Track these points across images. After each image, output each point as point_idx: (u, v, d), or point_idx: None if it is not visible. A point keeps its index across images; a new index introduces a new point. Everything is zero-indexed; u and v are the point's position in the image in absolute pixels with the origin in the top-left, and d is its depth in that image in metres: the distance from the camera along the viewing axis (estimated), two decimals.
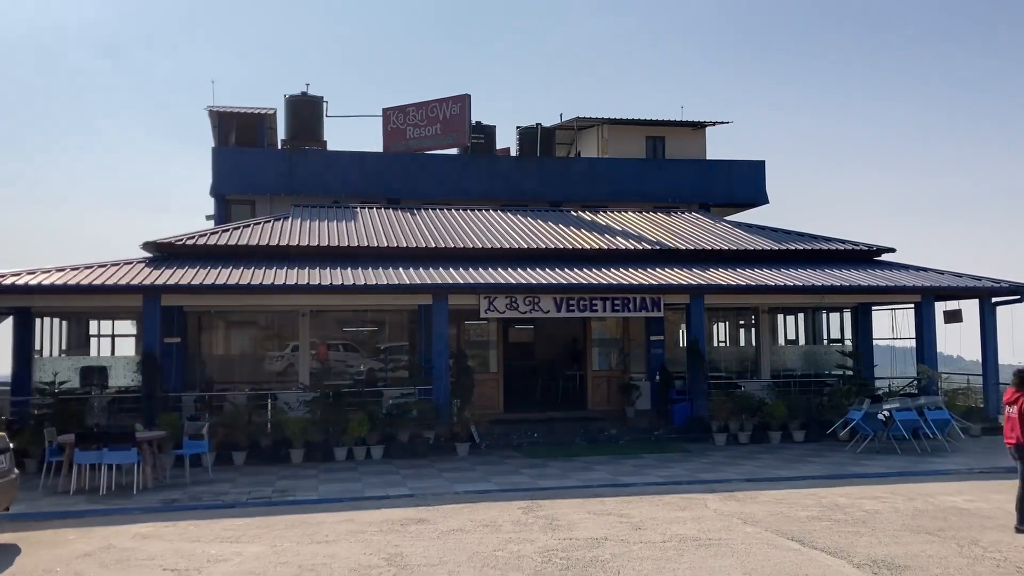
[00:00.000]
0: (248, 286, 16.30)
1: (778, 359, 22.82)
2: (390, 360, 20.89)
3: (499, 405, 20.39)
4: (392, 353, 21.38)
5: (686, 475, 13.96)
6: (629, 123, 29.54)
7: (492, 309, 17.71)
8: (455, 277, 17.70)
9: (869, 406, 16.62)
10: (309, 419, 16.10)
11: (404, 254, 19.39)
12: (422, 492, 12.68)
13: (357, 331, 22.37)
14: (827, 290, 18.88)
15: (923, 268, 21.18)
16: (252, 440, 15.97)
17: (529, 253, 19.78)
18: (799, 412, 18.18)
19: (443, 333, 17.53)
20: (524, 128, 30.13)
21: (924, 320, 19.72)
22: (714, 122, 30.15)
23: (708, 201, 28.23)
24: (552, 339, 25.36)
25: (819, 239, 22.60)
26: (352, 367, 20.88)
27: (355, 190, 26.38)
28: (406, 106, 29.46)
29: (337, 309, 20.31)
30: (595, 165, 28.23)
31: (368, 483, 13.53)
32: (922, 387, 19.06)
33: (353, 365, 21.02)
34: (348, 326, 22.24)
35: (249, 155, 26.71)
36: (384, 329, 21.56)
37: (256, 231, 19.95)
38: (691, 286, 18.32)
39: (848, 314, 23.17)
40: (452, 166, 27.77)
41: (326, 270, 17.63)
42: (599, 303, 18.23)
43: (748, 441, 17.79)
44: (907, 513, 10.68)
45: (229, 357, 21.68)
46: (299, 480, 13.91)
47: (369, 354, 21.29)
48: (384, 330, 21.55)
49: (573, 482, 13.39)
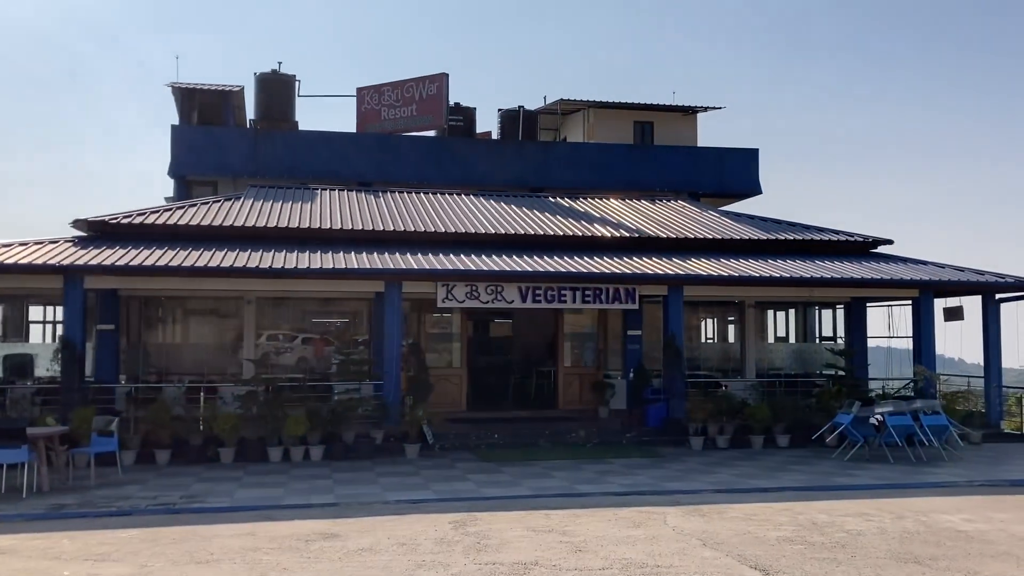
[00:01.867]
0: (177, 268, 14.85)
1: (765, 357, 21.39)
2: (351, 353, 19.42)
3: (462, 403, 18.96)
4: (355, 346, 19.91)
5: (651, 484, 12.49)
6: (616, 107, 28.02)
7: (450, 298, 16.23)
8: (410, 262, 16.23)
9: (860, 409, 15.16)
10: (241, 415, 14.63)
11: (361, 237, 17.92)
12: (348, 501, 11.22)
13: (323, 322, 20.99)
14: (816, 283, 17.39)
15: (922, 261, 19.68)
16: (180, 437, 14.53)
17: (496, 239, 18.30)
18: (784, 415, 16.70)
19: (395, 323, 16.05)
20: (506, 111, 28.64)
21: (922, 317, 18.22)
22: (706, 107, 28.64)
23: (698, 190, 26.70)
24: (532, 333, 23.92)
25: (811, 229, 21.09)
26: (308, 360, 19.45)
27: (324, 173, 24.89)
28: (381, 86, 27.99)
29: (287, 296, 18.88)
30: (579, 150, 26.74)
31: (293, 489, 12.07)
32: (919, 389, 17.58)
33: (309, 358, 19.59)
34: (316, 316, 20.86)
35: (211, 134, 25.19)
36: (352, 319, 20.10)
37: (203, 211, 18.48)
38: (668, 276, 16.84)
39: (841, 310, 21.70)
40: (427, 149, 26.25)
41: (269, 253, 16.16)
42: (568, 293, 16.75)
43: (727, 446, 16.32)
44: (895, 536, 9.21)
45: (178, 347, 20.24)
46: (218, 483, 12.45)
47: (341, 345, 19.86)
48: (352, 320, 20.09)
49: (523, 491, 11.92)
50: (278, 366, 18.57)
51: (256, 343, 19.53)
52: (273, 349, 20.03)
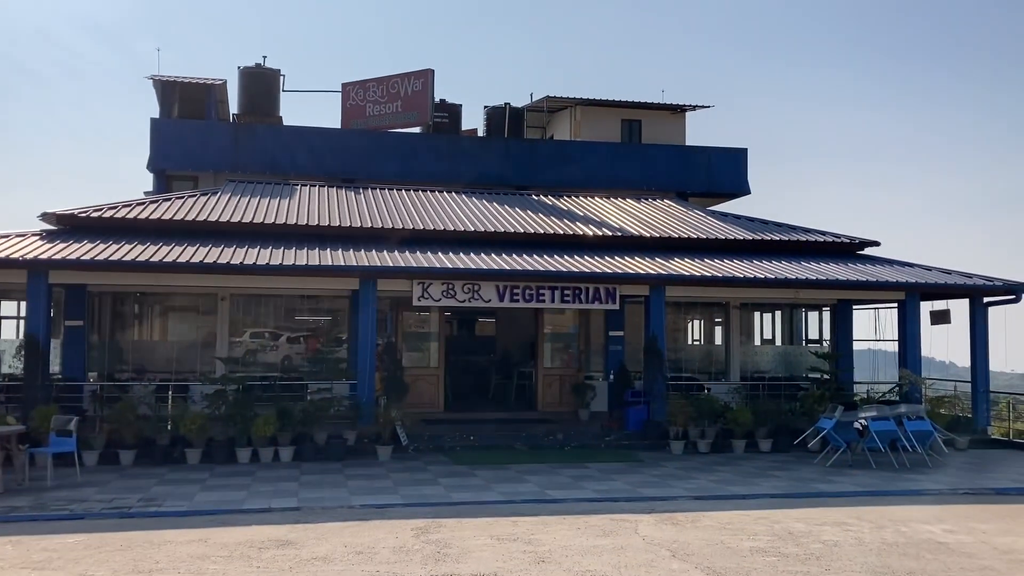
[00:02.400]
0: (142, 263, 14.44)
1: (750, 360, 21.07)
2: (325, 351, 19.02)
3: (439, 404, 18.61)
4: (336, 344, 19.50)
5: (626, 490, 12.14)
6: (604, 104, 27.66)
7: (426, 296, 15.86)
8: (386, 259, 15.85)
9: (843, 414, 14.83)
10: (208, 415, 14.24)
11: (338, 234, 17.53)
12: (312, 505, 10.84)
13: (307, 320, 20.62)
14: (802, 284, 17.06)
15: (909, 263, 19.38)
16: (146, 437, 14.14)
17: (476, 237, 17.92)
18: (767, 419, 16.37)
19: (370, 322, 15.67)
20: (492, 108, 28.33)
21: (908, 320, 17.91)
22: (695, 106, 28.31)
23: (686, 190, 26.35)
24: (512, 333, 23.58)
25: (797, 230, 20.77)
26: (292, 359, 19.03)
27: (307, 168, 24.47)
28: (366, 81, 27.64)
29: (266, 294, 18.49)
30: (565, 148, 26.37)
31: (256, 492, 11.69)
32: (904, 394, 17.29)
33: (293, 356, 19.17)
34: (299, 314, 20.49)
35: (191, 127, 24.73)
36: (335, 317, 19.70)
37: (176, 205, 18.06)
38: (649, 276, 16.50)
39: (827, 313, 21.40)
40: (411, 145, 25.83)
41: (243, 249, 15.77)
42: (547, 293, 16.40)
43: (708, 450, 15.98)
44: (872, 547, 8.88)
45: (151, 345, 19.84)
46: (180, 486, 12.06)
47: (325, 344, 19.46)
48: (335, 318, 19.69)
49: (493, 496, 11.56)
50: (259, 364, 18.21)
51: (240, 340, 19.18)
52: (258, 347, 19.70)
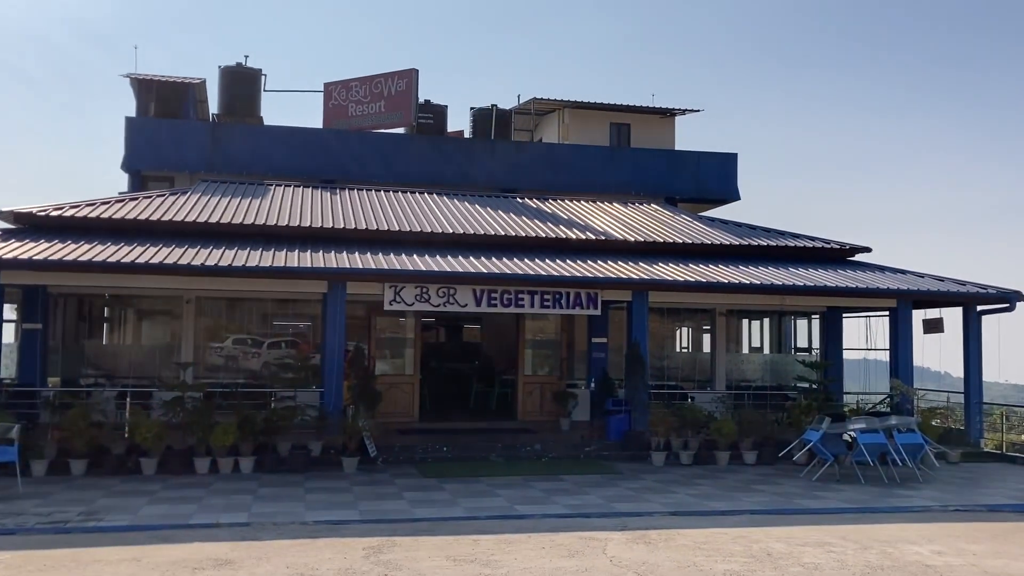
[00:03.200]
0: (96, 264, 13.77)
1: (737, 368, 20.45)
2: (285, 358, 18.36)
3: (414, 413, 17.93)
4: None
5: (600, 505, 11.51)
6: (592, 107, 27.07)
7: (398, 301, 15.22)
8: (356, 261, 15.22)
9: (831, 426, 14.21)
10: (164, 423, 13.57)
11: (310, 235, 16.89)
12: (262, 520, 10.19)
13: (287, 325, 20.01)
14: (789, 290, 16.46)
15: (901, 270, 18.79)
16: (100, 446, 13.47)
17: (454, 239, 17.30)
18: (752, 429, 15.75)
19: (338, 326, 15.03)
20: (478, 109, 27.72)
21: (899, 328, 17.31)
22: (684, 110, 27.74)
23: (675, 195, 25.76)
24: (492, 339, 22.96)
25: (786, 235, 20.17)
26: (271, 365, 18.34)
27: (287, 169, 23.80)
28: (349, 81, 27.02)
29: (231, 297, 17.87)
30: (552, 151, 25.77)
31: (207, 505, 11.03)
32: (894, 405, 16.67)
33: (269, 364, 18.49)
34: (277, 319, 19.88)
35: (168, 127, 24.04)
36: (314, 322, 19.06)
37: (143, 205, 17.42)
38: (632, 280, 15.89)
39: (817, 320, 20.80)
40: (394, 146, 25.19)
41: (207, 250, 15.12)
42: (526, 297, 15.76)
43: (691, 462, 15.35)
44: (856, 570, 8.25)
45: (115, 349, 19.20)
46: (128, 498, 11.40)
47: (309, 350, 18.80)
48: (315, 323, 19.05)
49: (458, 511, 10.92)
50: (241, 371, 17.53)
51: (221, 347, 18.52)
52: (239, 353, 19.07)
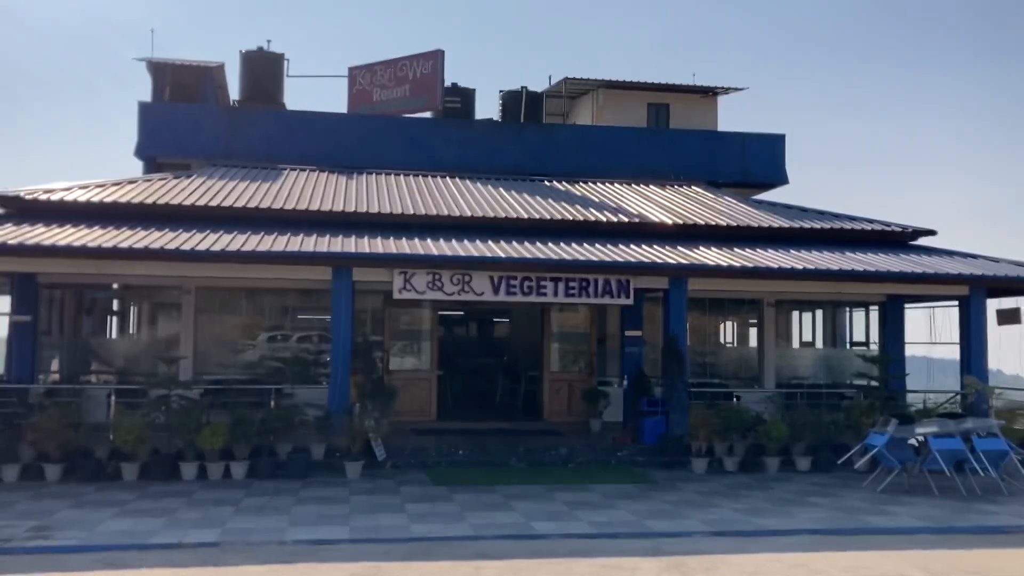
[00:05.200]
0: (80, 249, 12.57)
1: (787, 364, 18.67)
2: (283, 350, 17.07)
3: (431, 412, 16.50)
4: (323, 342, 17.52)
5: (630, 522, 9.94)
6: (628, 87, 25.36)
7: (408, 288, 13.79)
8: (363, 246, 13.82)
9: (897, 429, 12.47)
10: (147, 424, 12.27)
11: (317, 219, 15.51)
12: (234, 539, 8.80)
13: (311, 319, 18.74)
14: (846, 276, 14.69)
15: (971, 254, 16.88)
16: (81, 449, 12.25)
17: (471, 222, 15.83)
18: (806, 432, 14.03)
19: (344, 317, 13.66)
20: (507, 92, 26.18)
21: (972, 319, 15.45)
22: (727, 88, 25.92)
23: (717, 179, 23.90)
24: (517, 332, 21.49)
25: (841, 217, 18.34)
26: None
27: (308, 156, 22.43)
28: (374, 65, 25.58)
29: (237, 287, 16.57)
30: (585, 134, 24.10)
31: (178, 519, 9.68)
32: (968, 405, 14.84)
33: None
34: (301, 312, 18.62)
35: (183, 111, 22.81)
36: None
37: (141, 188, 16.20)
38: (668, 266, 14.27)
39: (875, 311, 18.92)
40: (419, 131, 23.70)
41: (202, 234, 13.82)
42: (549, 285, 14.22)
43: (736, 469, 13.69)
44: None
45: (124, 343, 18.05)
46: (96, 509, 10.11)
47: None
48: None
49: (463, 529, 9.43)
50: (258, 368, 16.30)
51: (253, 343, 17.27)
52: (275, 349, 17.85)
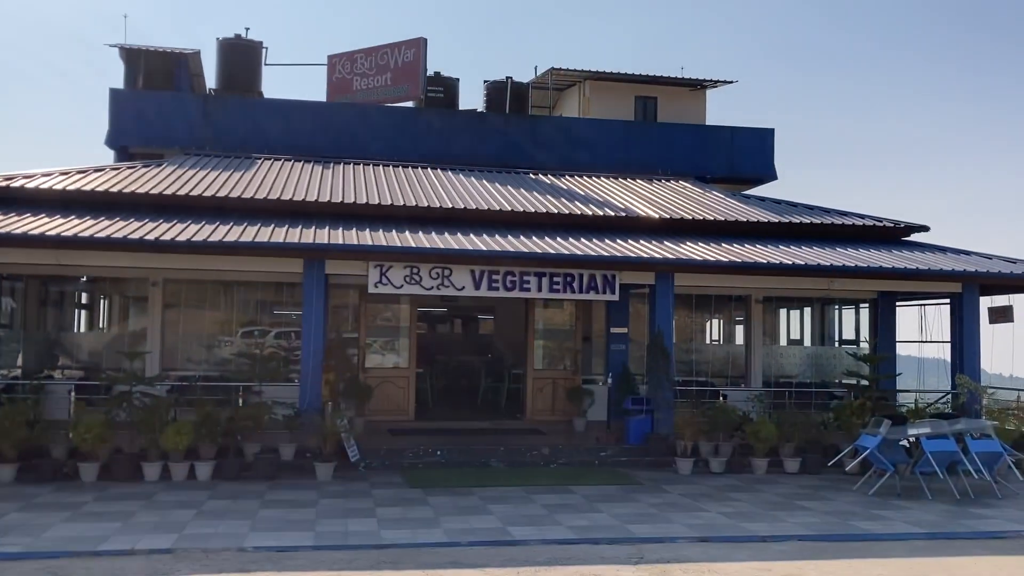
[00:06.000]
0: (37, 238, 11.99)
1: (775, 362, 18.23)
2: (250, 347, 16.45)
3: (409, 411, 15.97)
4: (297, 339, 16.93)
5: (612, 527, 9.45)
6: (615, 78, 24.86)
7: (384, 282, 13.25)
8: (337, 237, 13.27)
9: (889, 430, 12.04)
10: (107, 422, 11.68)
11: (290, 210, 14.94)
12: (191, 546, 8.25)
13: (288, 314, 18.14)
14: (836, 272, 14.28)
15: (964, 251, 16.50)
16: (38, 449, 11.67)
17: (452, 215, 15.32)
18: (795, 432, 13.59)
19: (316, 312, 13.12)
20: (492, 82, 25.64)
21: (964, 316, 15.07)
22: (716, 81, 25.45)
23: (706, 174, 23.45)
24: (514, 330, 20.94)
25: (831, 213, 17.94)
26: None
27: (286, 146, 21.79)
28: (354, 52, 25.04)
29: (208, 280, 15.96)
30: (571, 126, 23.60)
31: (134, 524, 9.12)
32: (960, 405, 14.45)
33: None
34: (277, 307, 18.00)
35: (156, 99, 22.15)
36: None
37: (107, 176, 15.59)
38: (654, 260, 13.78)
39: (866, 309, 18.53)
40: (400, 121, 23.10)
41: (169, 224, 13.23)
42: (533, 280, 13.72)
43: (723, 470, 13.24)
44: None
45: (90, 338, 17.41)
46: (45, 513, 9.53)
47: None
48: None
49: (436, 535, 8.90)
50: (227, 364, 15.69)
51: (230, 340, 16.64)
52: (245, 346, 17.23)
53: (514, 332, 19.50)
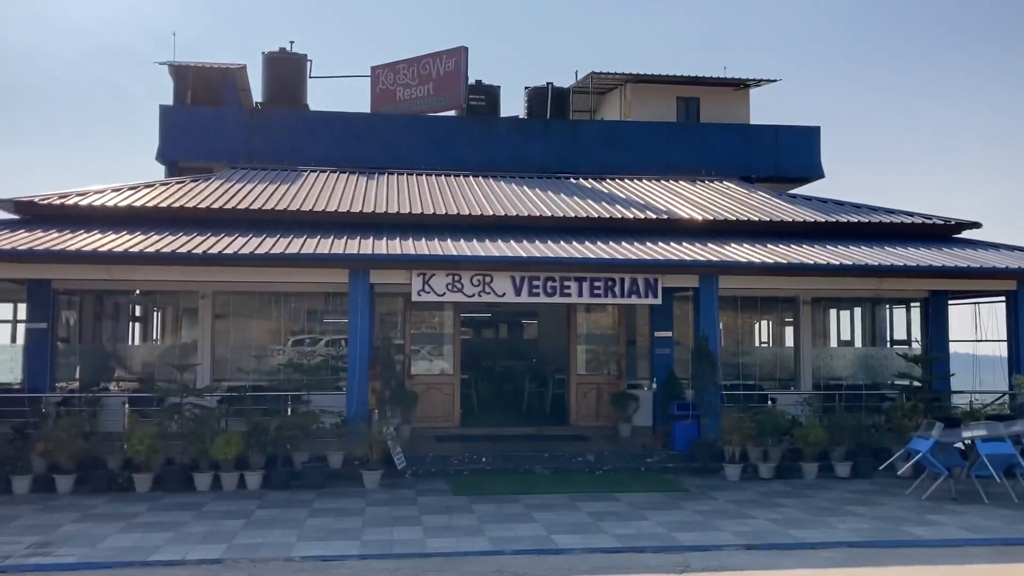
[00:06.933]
0: (90, 254, 12.31)
1: (825, 364, 17.92)
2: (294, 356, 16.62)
3: (454, 417, 16.05)
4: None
5: (659, 534, 9.39)
6: (657, 80, 24.67)
7: (427, 290, 13.36)
8: (381, 247, 13.41)
9: (942, 432, 11.77)
10: (158, 433, 11.94)
11: (335, 221, 15.15)
12: (239, 556, 8.40)
13: (338, 322, 18.37)
14: (887, 271, 14.01)
15: (1019, 247, 16.07)
16: (93, 460, 11.98)
17: (492, 222, 15.37)
18: (845, 436, 13.36)
19: (363, 320, 13.25)
20: (533, 88, 25.66)
21: (1021, 314, 14.67)
22: (759, 80, 25.14)
23: (750, 174, 23.15)
24: (558, 335, 20.95)
25: (879, 211, 17.62)
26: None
27: (330, 158, 22.08)
28: (397, 63, 25.19)
29: (255, 291, 16.22)
30: (612, 129, 23.50)
31: (186, 533, 9.31)
32: (1017, 406, 14.07)
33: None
34: (328, 316, 18.25)
35: (204, 114, 22.61)
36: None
37: (156, 192, 15.96)
38: (697, 263, 13.68)
39: (917, 309, 18.13)
40: (443, 130, 23.25)
41: (216, 238, 13.50)
42: (573, 285, 13.70)
43: (772, 476, 13.06)
44: None
45: (145, 350, 17.80)
46: (102, 523, 9.77)
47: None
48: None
49: (480, 543, 8.93)
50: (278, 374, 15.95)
51: (281, 349, 16.93)
52: (296, 355, 17.51)
53: (557, 336, 19.51)
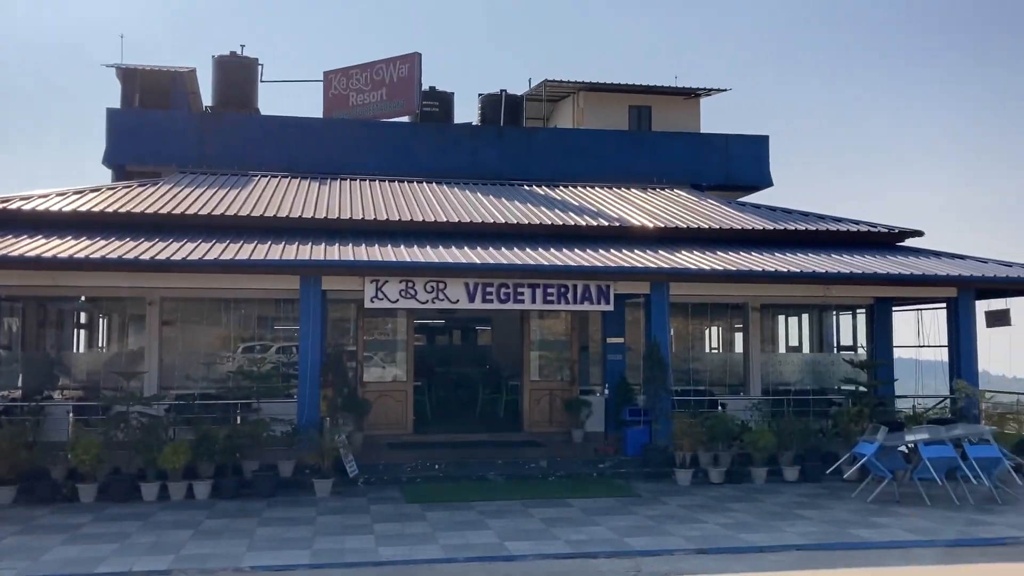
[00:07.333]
0: (32, 260, 12.03)
1: (774, 370, 18.21)
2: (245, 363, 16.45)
3: (407, 424, 15.98)
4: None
5: (610, 540, 9.45)
6: (609, 89, 24.92)
7: (380, 297, 13.28)
8: (333, 253, 13.31)
9: (886, 437, 12.05)
10: (104, 442, 11.70)
11: (281, 226, 15.02)
12: (187, 566, 8.26)
13: (288, 329, 18.14)
14: (833, 279, 14.29)
15: (960, 255, 16.52)
16: (36, 471, 11.68)
17: (446, 228, 15.37)
18: (793, 441, 13.60)
19: (314, 327, 13.13)
20: (487, 96, 25.72)
21: (961, 320, 15.07)
22: (709, 90, 25.51)
23: (701, 182, 23.52)
24: (511, 341, 21.00)
25: (826, 219, 17.96)
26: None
27: (282, 162, 21.83)
28: (349, 68, 25.09)
29: (206, 297, 15.98)
30: (566, 137, 23.65)
31: (131, 544, 9.13)
32: (958, 410, 14.44)
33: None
34: (278, 322, 18.01)
35: (152, 118, 22.23)
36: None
37: (103, 196, 15.68)
38: (648, 270, 13.81)
39: (863, 315, 18.53)
40: (396, 136, 23.17)
41: (164, 244, 13.27)
42: (527, 291, 13.74)
43: (722, 480, 13.22)
44: None
45: (91, 358, 17.43)
46: (44, 536, 9.53)
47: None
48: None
49: (432, 551, 8.91)
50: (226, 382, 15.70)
51: (230, 356, 16.66)
52: (246, 362, 17.25)
53: (511, 342, 19.55)
